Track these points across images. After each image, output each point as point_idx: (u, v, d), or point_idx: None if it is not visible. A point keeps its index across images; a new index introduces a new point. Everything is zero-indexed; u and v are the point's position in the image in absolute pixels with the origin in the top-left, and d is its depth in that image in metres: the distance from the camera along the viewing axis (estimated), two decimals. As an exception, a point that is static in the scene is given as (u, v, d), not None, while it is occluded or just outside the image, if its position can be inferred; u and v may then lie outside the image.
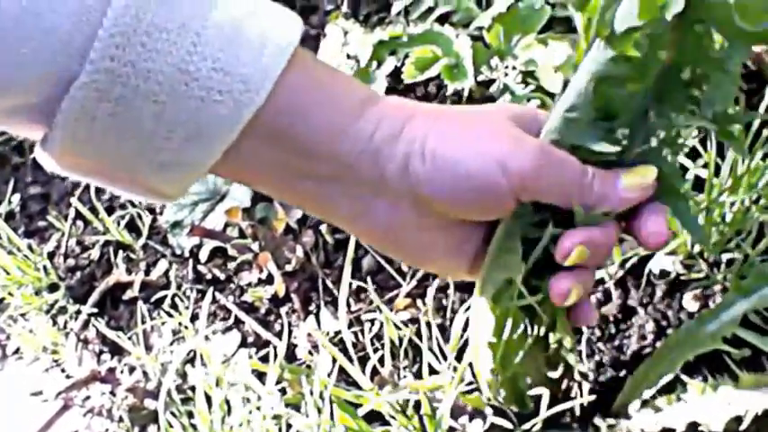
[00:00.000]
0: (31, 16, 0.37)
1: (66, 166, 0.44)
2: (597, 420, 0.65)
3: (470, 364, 0.65)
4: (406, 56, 0.95)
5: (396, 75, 0.98)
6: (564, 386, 0.67)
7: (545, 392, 0.63)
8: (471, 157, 0.46)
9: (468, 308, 0.66)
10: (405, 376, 0.77)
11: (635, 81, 0.47)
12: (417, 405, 0.68)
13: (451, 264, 0.53)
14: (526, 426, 0.65)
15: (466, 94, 0.96)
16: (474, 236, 0.52)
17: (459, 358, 0.70)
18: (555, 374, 0.65)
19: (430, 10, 1.01)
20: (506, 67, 0.91)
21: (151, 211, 1.04)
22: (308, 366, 0.81)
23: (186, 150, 0.43)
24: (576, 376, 0.67)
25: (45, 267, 1.04)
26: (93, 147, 0.42)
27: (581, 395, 0.68)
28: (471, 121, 0.49)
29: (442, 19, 1.00)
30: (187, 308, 0.93)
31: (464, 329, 0.71)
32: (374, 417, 0.70)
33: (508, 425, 0.65)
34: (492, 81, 0.93)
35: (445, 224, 0.50)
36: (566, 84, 0.50)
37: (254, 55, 0.42)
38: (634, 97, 0.48)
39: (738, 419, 0.60)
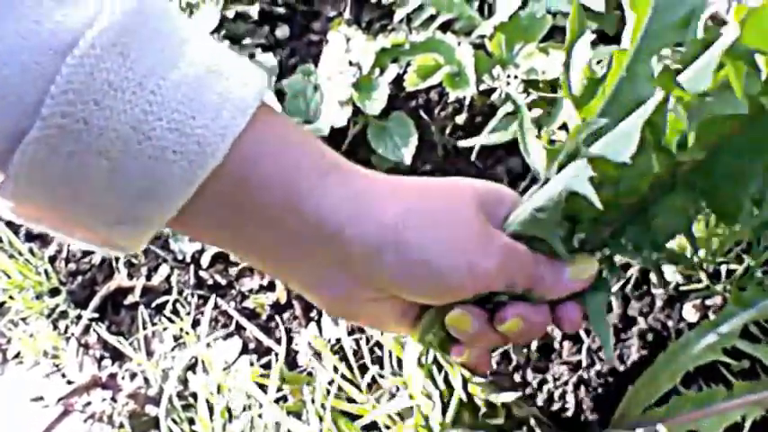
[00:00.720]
0: None
1: (21, 215, 0.44)
2: None
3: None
4: (409, 63, 0.96)
5: (398, 82, 0.98)
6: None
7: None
8: (443, 257, 0.49)
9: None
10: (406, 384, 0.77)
11: (606, 203, 0.49)
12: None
13: (396, 327, 0.56)
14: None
15: (467, 102, 0.97)
16: (415, 306, 0.55)
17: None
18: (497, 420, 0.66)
19: (432, 18, 1.01)
20: (508, 76, 0.91)
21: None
22: (310, 374, 0.82)
23: (140, 207, 0.43)
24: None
25: (46, 271, 1.04)
26: (45, 200, 0.42)
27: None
28: (442, 213, 0.50)
29: (444, 27, 1.00)
30: (188, 313, 0.93)
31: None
32: (374, 424, 0.71)
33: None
34: (494, 89, 0.93)
35: (399, 299, 0.52)
36: (546, 181, 0.54)
37: (211, 116, 0.42)
38: (601, 213, 0.51)
39: (737, 427, 0.60)
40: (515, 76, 0.91)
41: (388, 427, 0.69)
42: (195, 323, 0.92)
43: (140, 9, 0.41)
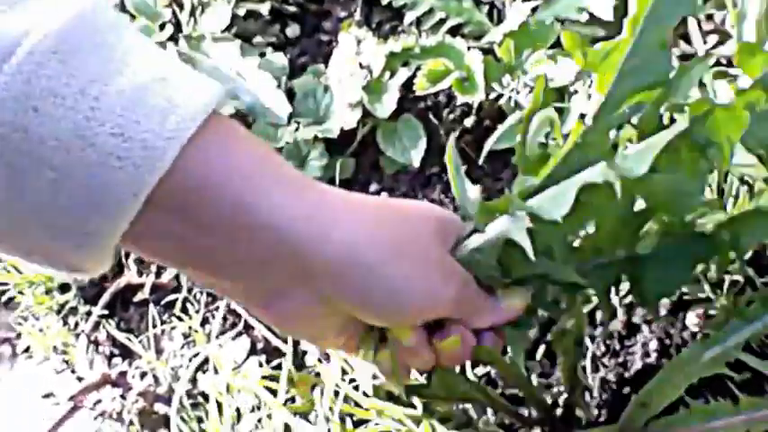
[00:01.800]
0: None
1: None
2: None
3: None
4: (419, 67, 0.97)
5: (407, 83, 0.99)
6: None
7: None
8: (407, 283, 0.50)
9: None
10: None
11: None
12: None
13: (335, 340, 0.57)
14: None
15: (476, 105, 0.97)
16: (356, 321, 0.54)
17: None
18: None
19: (442, 21, 1.02)
20: (517, 84, 0.92)
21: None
22: (318, 374, 0.83)
23: (89, 220, 0.41)
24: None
25: (56, 267, 1.05)
26: None
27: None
28: (406, 238, 0.51)
29: (454, 30, 1.01)
30: (198, 311, 0.94)
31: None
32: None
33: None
34: (502, 95, 0.94)
35: (343, 316, 0.52)
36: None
37: (157, 121, 0.40)
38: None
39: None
40: (525, 84, 0.92)
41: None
42: (204, 321, 0.93)
43: (83, 18, 0.40)
